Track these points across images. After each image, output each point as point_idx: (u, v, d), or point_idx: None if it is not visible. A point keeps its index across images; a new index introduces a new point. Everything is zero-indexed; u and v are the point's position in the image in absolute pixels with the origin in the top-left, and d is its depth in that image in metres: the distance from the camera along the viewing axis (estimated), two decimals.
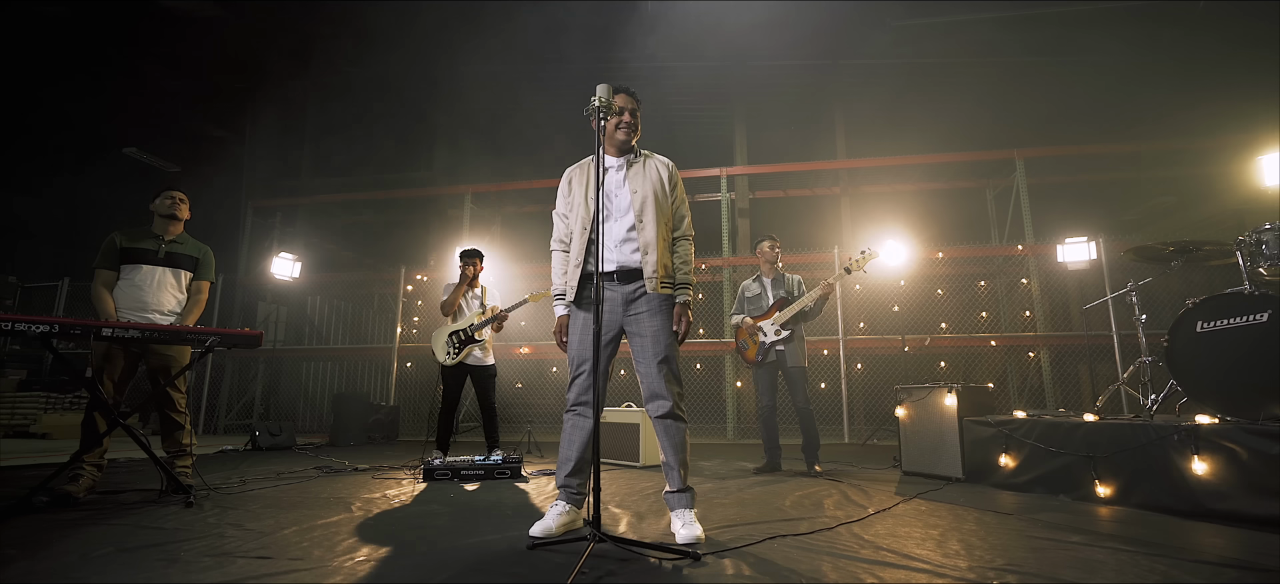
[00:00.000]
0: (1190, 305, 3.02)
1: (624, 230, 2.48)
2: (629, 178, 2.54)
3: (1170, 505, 2.71)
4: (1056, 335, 7.38)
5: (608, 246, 2.46)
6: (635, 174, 2.55)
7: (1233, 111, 7.82)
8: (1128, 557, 1.99)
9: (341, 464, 4.82)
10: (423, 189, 9.37)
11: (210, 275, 3.71)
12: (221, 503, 3.04)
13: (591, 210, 2.51)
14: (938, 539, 2.26)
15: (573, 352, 2.48)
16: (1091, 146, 8.19)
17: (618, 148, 2.57)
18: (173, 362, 3.43)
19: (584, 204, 2.53)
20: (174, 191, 3.60)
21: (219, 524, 2.53)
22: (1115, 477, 2.96)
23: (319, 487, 3.62)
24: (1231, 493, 2.51)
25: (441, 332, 4.81)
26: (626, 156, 2.59)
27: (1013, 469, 3.49)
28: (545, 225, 2.72)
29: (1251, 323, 2.77)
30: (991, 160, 8.05)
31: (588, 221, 2.50)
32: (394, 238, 9.89)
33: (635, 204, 2.48)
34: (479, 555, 2.06)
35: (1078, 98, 8.53)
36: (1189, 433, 2.68)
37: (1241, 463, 2.50)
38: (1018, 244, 7.52)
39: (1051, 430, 3.29)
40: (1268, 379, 2.70)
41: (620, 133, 2.53)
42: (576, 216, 2.55)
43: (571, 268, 2.52)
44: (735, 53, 8.49)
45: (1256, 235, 2.99)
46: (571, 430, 2.45)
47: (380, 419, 7.59)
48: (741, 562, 1.95)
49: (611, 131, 2.54)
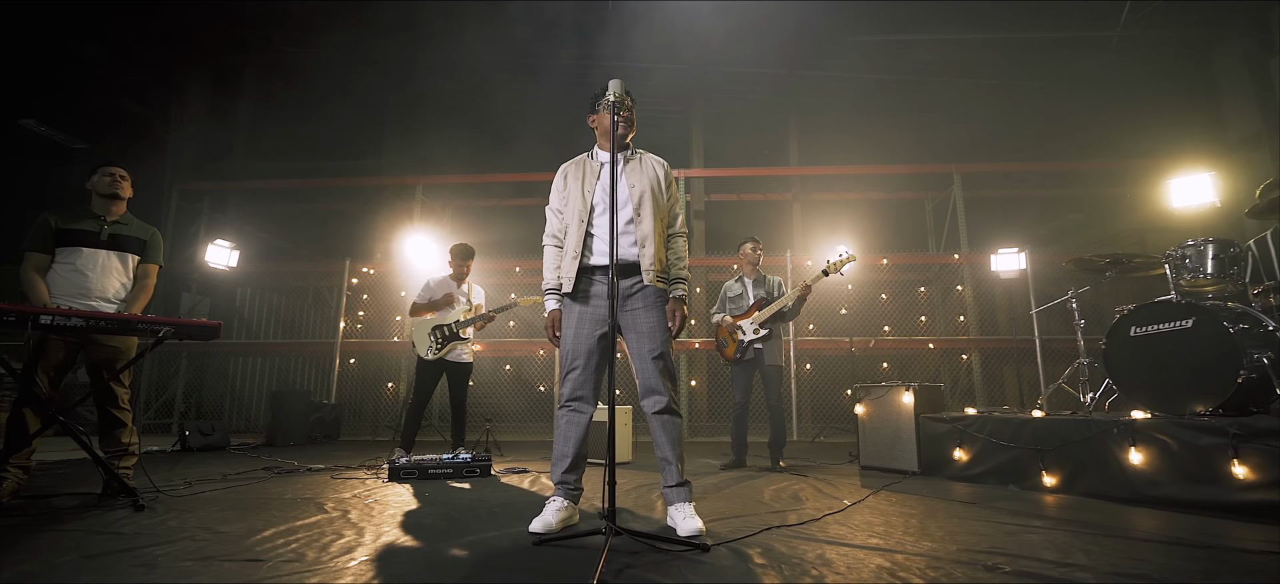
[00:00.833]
0: (1125, 312, 3.33)
1: (622, 224, 2.50)
2: (626, 172, 2.56)
3: (1110, 493, 2.98)
4: (987, 339, 7.91)
5: (603, 240, 2.46)
6: (632, 169, 2.57)
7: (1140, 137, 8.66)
8: (1090, 538, 2.18)
9: (291, 464, 4.57)
10: (370, 178, 8.97)
11: (159, 259, 3.44)
12: (175, 506, 2.83)
13: (588, 203, 2.51)
14: (919, 527, 2.40)
15: (567, 346, 2.46)
16: (1017, 164, 8.84)
17: (616, 143, 2.58)
18: (118, 354, 3.16)
19: (581, 197, 2.53)
20: (113, 168, 3.31)
21: (184, 528, 2.35)
22: (1061, 467, 3.23)
23: (276, 488, 3.42)
24: (1164, 481, 2.79)
25: (424, 324, 4.66)
26: (623, 152, 2.61)
27: (966, 462, 3.73)
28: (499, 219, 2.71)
29: (1178, 328, 3.09)
30: (931, 174, 8.54)
31: (584, 214, 2.50)
32: (336, 229, 9.42)
33: (634, 198, 2.50)
34: (485, 552, 2.02)
35: (1008, 118, 9.20)
36: (1127, 427, 2.96)
37: (1173, 454, 2.79)
38: (954, 253, 8.02)
39: (1003, 426, 3.54)
40: (1191, 378, 3.02)
41: (619, 128, 2.54)
42: (572, 210, 2.55)
43: (567, 260, 2.50)
44: (697, 57, 8.63)
45: (1181, 251, 3.34)
46: (567, 426, 2.45)
47: (322, 417, 7.22)
48: (748, 552, 2.01)
49: (609, 127, 2.55)
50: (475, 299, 4.84)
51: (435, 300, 4.64)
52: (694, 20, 8.15)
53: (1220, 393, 2.89)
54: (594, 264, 2.47)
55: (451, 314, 4.67)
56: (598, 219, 2.49)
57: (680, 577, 1.73)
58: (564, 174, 2.66)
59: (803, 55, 8.87)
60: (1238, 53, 7.87)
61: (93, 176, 3.26)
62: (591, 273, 2.49)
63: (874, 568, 1.82)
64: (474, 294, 4.85)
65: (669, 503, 2.41)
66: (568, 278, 2.46)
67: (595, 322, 2.44)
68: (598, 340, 2.46)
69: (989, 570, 1.79)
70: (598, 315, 2.44)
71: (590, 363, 2.45)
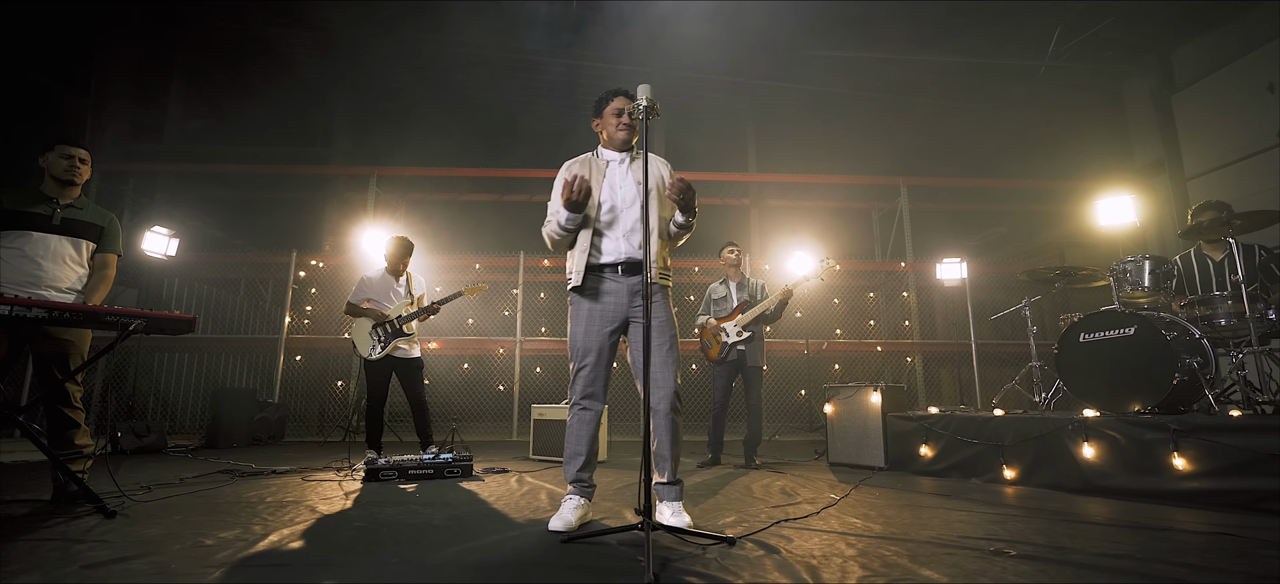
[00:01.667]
0: (1076, 319, 3.67)
1: (628, 224, 2.52)
2: (631, 172, 2.59)
3: (1065, 484, 3.27)
4: (929, 343, 8.42)
5: (613, 238, 2.49)
6: (637, 169, 2.60)
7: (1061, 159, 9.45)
8: (1066, 524, 2.41)
9: (248, 466, 4.32)
10: (320, 166, 8.53)
11: (117, 247, 3.20)
12: (147, 513, 2.64)
13: (595, 201, 2.52)
14: (914, 518, 2.56)
15: (577, 343, 2.48)
16: (959, 180, 9.45)
17: (619, 144, 2.62)
18: (72, 348, 2.91)
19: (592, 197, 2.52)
20: (74, 149, 3.05)
21: (178, 533, 2.22)
22: (1020, 461, 3.51)
23: (248, 492, 3.24)
24: (1113, 472, 3.10)
25: (364, 323, 4.47)
26: (627, 153, 2.65)
27: (931, 458, 3.99)
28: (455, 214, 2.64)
29: (1122, 335, 3.43)
30: (880, 185, 9.01)
31: (593, 212, 2.50)
32: (280, 218, 8.91)
33: (640, 197, 2.53)
34: (517, 551, 2.01)
35: (948, 135, 9.83)
36: (1080, 424, 3.26)
37: (1121, 448, 3.10)
38: (901, 261, 8.49)
39: (967, 424, 3.82)
40: (1133, 379, 3.37)
41: (622, 132, 2.59)
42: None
43: (576, 255, 2.50)
44: (661, 60, 8.72)
45: (1122, 265, 3.71)
46: (578, 425, 2.46)
47: (266, 417, 6.83)
48: (771, 543, 2.10)
49: (613, 132, 2.60)
50: (417, 291, 4.67)
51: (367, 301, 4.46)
52: (656, 22, 8.25)
53: (1158, 392, 3.24)
54: (604, 263, 2.48)
55: (391, 309, 4.49)
56: (605, 218, 2.51)
57: (724, 569, 1.79)
58: (570, 170, 2.62)
59: (762, 65, 9.15)
60: (1145, 89, 8.73)
61: (47, 154, 2.99)
62: (600, 271, 2.50)
63: (892, 554, 1.95)
64: (414, 286, 4.67)
65: (661, 499, 2.43)
66: (577, 273, 2.47)
67: (605, 319, 2.46)
68: (608, 337, 2.48)
69: (996, 555, 1.95)
70: (608, 313, 2.47)
71: (601, 361, 2.48)
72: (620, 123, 2.57)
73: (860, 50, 8.99)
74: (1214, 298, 3.50)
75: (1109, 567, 1.81)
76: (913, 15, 8.22)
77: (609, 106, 2.62)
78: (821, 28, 8.52)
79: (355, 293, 4.48)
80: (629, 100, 2.60)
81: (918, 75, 9.40)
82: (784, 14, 8.25)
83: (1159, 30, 8.26)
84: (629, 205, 2.51)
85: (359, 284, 4.51)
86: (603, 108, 2.65)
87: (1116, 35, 8.29)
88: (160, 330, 2.87)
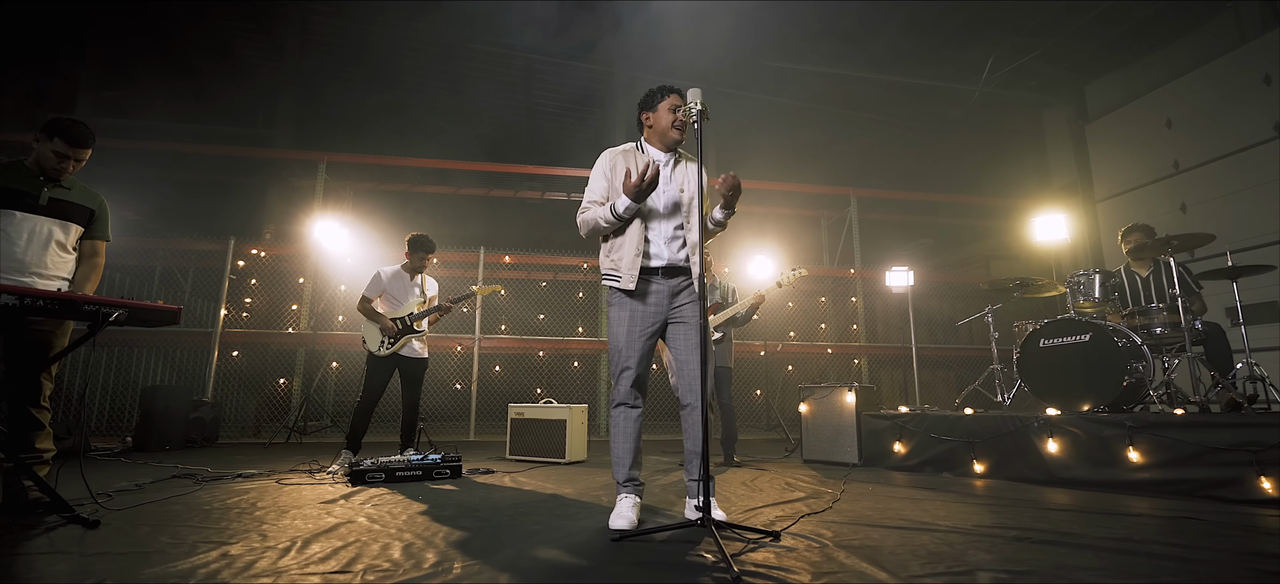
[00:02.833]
0: (1037, 326, 4.02)
1: (672, 228, 2.53)
2: (676, 175, 2.61)
3: (1031, 477, 3.58)
4: (874, 346, 8.91)
5: (658, 242, 2.50)
6: (680, 172, 2.62)
7: (988, 178, 10.24)
8: (1056, 512, 2.65)
9: (203, 470, 4.00)
10: (262, 149, 7.94)
11: (108, 233, 2.92)
12: (130, 520, 2.41)
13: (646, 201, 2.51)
14: (926, 510, 2.74)
15: (619, 343, 2.47)
16: (901, 192, 10.04)
17: (670, 143, 2.62)
18: (53, 341, 2.64)
19: None
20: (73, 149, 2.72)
21: (187, 542, 2.04)
22: (989, 456, 3.81)
23: (227, 499, 3.01)
24: (1074, 465, 3.43)
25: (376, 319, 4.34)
26: (672, 154, 2.65)
27: (904, 454, 4.25)
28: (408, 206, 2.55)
29: (1078, 342, 3.80)
30: (830, 194, 9.44)
31: (645, 214, 2.50)
32: (213, 203, 8.21)
33: (684, 202, 2.56)
34: (587, 548, 2.00)
35: (892, 150, 10.43)
36: (1045, 422, 3.58)
37: (1081, 443, 3.43)
38: (850, 268, 8.94)
39: (939, 422, 4.10)
40: (1086, 381, 3.73)
41: (676, 131, 2.58)
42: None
43: (628, 256, 2.46)
44: (622, 59, 8.76)
45: (1076, 278, 4.11)
46: (625, 425, 2.45)
47: (201, 417, 6.31)
48: (813, 537, 2.19)
49: (666, 129, 2.59)
50: (429, 291, 4.60)
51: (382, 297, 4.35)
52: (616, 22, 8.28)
53: (1109, 393, 3.61)
54: (654, 267, 2.48)
55: (404, 307, 4.39)
56: (654, 218, 2.51)
57: (786, 568, 1.86)
58: (612, 164, 2.59)
59: (719, 71, 9.35)
60: (1062, 118, 9.63)
61: (42, 140, 2.67)
62: (649, 275, 2.50)
63: (932, 542, 2.09)
64: (427, 286, 4.59)
65: (693, 494, 2.49)
66: (631, 275, 2.45)
67: (647, 321, 2.46)
68: (649, 340, 2.49)
69: (1021, 541, 2.13)
70: (649, 316, 2.47)
71: (644, 363, 2.49)
72: (676, 119, 2.55)
73: (814, 65, 9.39)
74: (1151, 309, 3.94)
75: (1124, 550, 2.02)
76: (863, 36, 8.67)
77: (664, 102, 2.58)
78: (779, 39, 8.83)
79: (370, 287, 4.33)
80: (682, 99, 2.58)
81: (866, 92, 9.92)
82: (746, 23, 8.50)
83: (1075, 66, 9.12)
84: (673, 209, 2.53)
85: (374, 279, 4.36)
86: (656, 102, 2.60)
87: (1040, 67, 9.09)
88: (141, 322, 2.62)
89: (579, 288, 8.46)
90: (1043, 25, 8.36)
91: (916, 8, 8.24)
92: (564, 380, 8.09)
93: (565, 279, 8.49)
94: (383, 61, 8.70)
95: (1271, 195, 6.80)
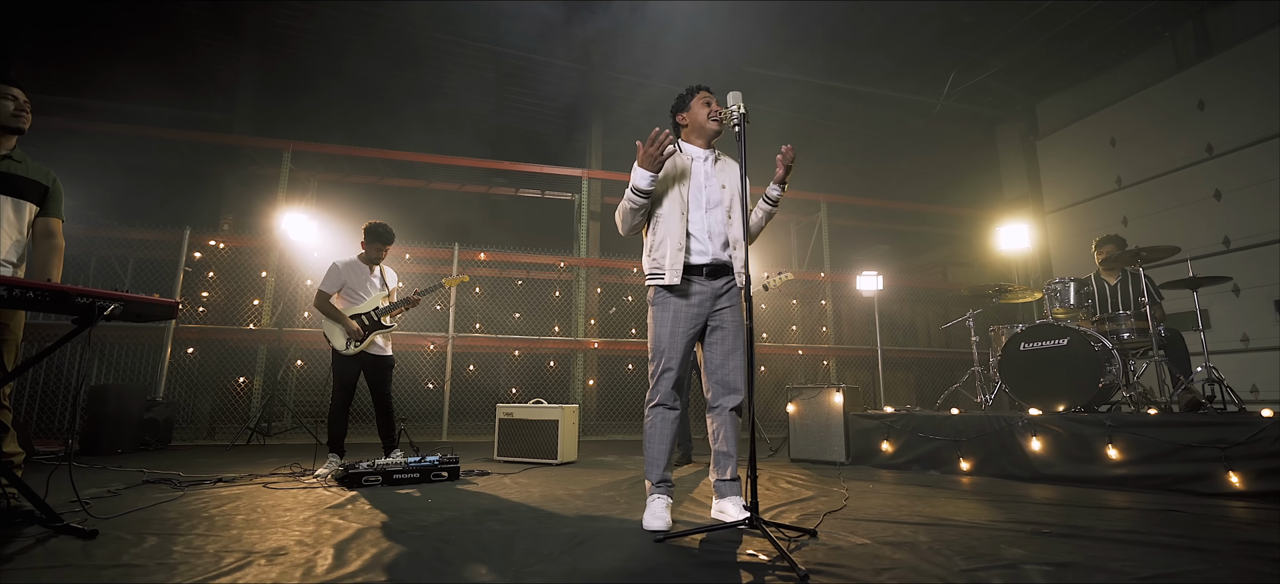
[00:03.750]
0: (1017, 330, 4.23)
1: (714, 224, 2.53)
2: (717, 172, 2.61)
3: (1015, 473, 3.77)
4: (841, 348, 9.17)
5: (701, 239, 2.50)
6: (722, 169, 2.64)
7: (946, 187, 10.71)
8: (1055, 507, 2.80)
9: (175, 474, 3.76)
10: (221, 135, 7.47)
11: (62, 211, 2.69)
12: (132, 529, 2.25)
13: (685, 198, 2.50)
14: (941, 508, 2.84)
15: (662, 343, 2.45)
16: (868, 200, 10.38)
17: (708, 137, 2.63)
18: (9, 334, 2.41)
19: (679, 193, 2.51)
20: (13, 88, 2.52)
21: (223, 553, 1.92)
22: (974, 454, 3.98)
23: (224, 505, 2.84)
24: (1056, 462, 3.63)
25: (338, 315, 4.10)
26: (711, 151, 2.67)
27: (892, 453, 4.39)
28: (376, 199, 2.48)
29: (1057, 346, 4.02)
30: (801, 199, 9.66)
31: (685, 209, 2.50)
32: (166, 191, 7.68)
33: (725, 200, 2.57)
34: (635, 553, 1.98)
35: (860, 159, 10.77)
36: (1029, 421, 3.78)
37: (1062, 441, 3.64)
38: (820, 271, 9.18)
39: (927, 421, 4.26)
40: (1065, 383, 3.96)
41: (713, 123, 2.60)
42: (670, 202, 2.50)
43: (671, 250, 2.45)
44: (599, 59, 8.71)
45: (1053, 286, 4.35)
46: (662, 426, 2.43)
47: (154, 419, 5.91)
48: (838, 535, 2.24)
49: (703, 122, 2.61)
50: (391, 283, 4.38)
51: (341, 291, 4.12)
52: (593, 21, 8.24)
53: (1085, 395, 3.84)
54: (696, 263, 2.47)
55: (366, 301, 4.17)
56: (695, 214, 2.52)
57: (838, 561, 1.90)
58: None
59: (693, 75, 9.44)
60: (1015, 134, 10.18)
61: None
62: (692, 273, 2.48)
63: (961, 537, 2.17)
64: (388, 278, 4.38)
65: (722, 495, 2.51)
66: (675, 270, 2.43)
67: (690, 322, 2.46)
68: (690, 340, 2.48)
69: (1039, 535, 2.24)
70: (692, 316, 2.46)
71: (685, 365, 2.48)
72: (711, 112, 2.58)
73: (787, 72, 9.59)
74: (1119, 316, 4.21)
75: (1135, 541, 2.15)
76: (832, 49, 8.92)
77: (696, 98, 2.63)
78: (754, 46, 8.98)
79: (327, 281, 4.05)
80: (711, 94, 2.64)
81: (835, 101, 10.20)
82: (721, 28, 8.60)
83: (1028, 85, 9.65)
84: (714, 206, 2.53)
85: (330, 272, 4.09)
86: (688, 101, 2.66)
87: (996, 85, 9.57)
88: (136, 317, 2.45)
89: (555, 287, 8.37)
90: (1001, 44, 8.80)
91: (886, 22, 8.54)
92: (540, 380, 7.99)
93: (542, 278, 8.39)
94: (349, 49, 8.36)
95: (1206, 210, 7.38)
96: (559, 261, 8.12)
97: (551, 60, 8.79)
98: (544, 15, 8.28)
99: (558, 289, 8.37)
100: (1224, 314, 7.10)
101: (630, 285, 8.72)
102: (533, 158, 8.76)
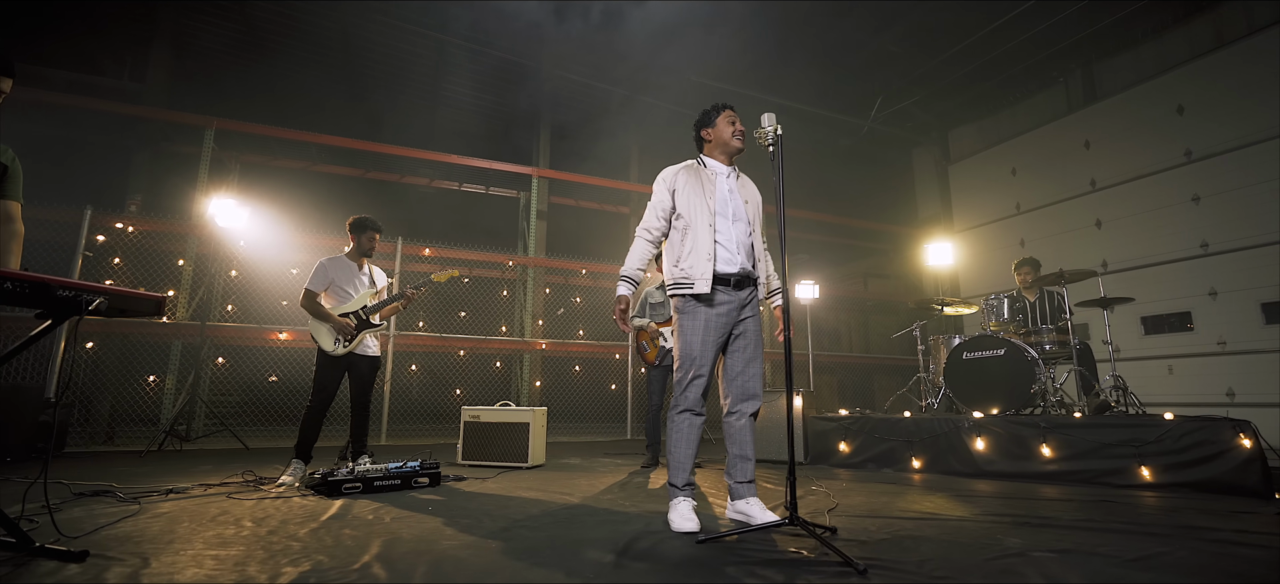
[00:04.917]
0: (960, 340, 4.68)
1: (740, 236, 2.64)
2: (739, 187, 2.74)
3: (960, 471, 4.16)
4: (775, 353, 9.61)
5: (729, 249, 2.60)
6: (744, 185, 2.78)
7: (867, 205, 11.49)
8: (1026, 501, 3.15)
9: (108, 485, 3.38)
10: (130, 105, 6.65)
11: (20, 194, 2.38)
12: (116, 549, 2.03)
13: (712, 210, 2.60)
14: (914, 503, 3.10)
15: (695, 351, 2.52)
16: (803, 212, 10.93)
17: (732, 154, 2.75)
18: None
19: (705, 204, 2.60)
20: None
21: (246, 561, 1.78)
22: (925, 454, 4.36)
23: (203, 519, 2.61)
24: (997, 460, 4.05)
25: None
26: (733, 168, 2.79)
27: (849, 453, 4.71)
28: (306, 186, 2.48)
29: (994, 355, 4.49)
30: None
31: (711, 220, 2.59)
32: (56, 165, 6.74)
33: (749, 213, 2.70)
34: (685, 554, 2.04)
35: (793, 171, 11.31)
36: (974, 423, 4.20)
37: (1002, 440, 4.07)
38: None
39: (882, 424, 4.61)
40: (1002, 389, 4.42)
41: (737, 141, 2.72)
42: (697, 214, 2.60)
43: (700, 259, 2.53)
44: (548, 58, 8.61)
45: (991, 301, 4.84)
46: (688, 431, 2.51)
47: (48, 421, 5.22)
48: (859, 529, 2.42)
49: (728, 139, 2.72)
50: (379, 281, 4.23)
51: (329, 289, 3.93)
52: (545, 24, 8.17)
53: (1020, 400, 4.32)
54: (723, 272, 2.56)
55: (354, 300, 4.00)
56: (722, 224, 2.61)
57: (878, 555, 2.07)
58: (676, 176, 2.70)
59: (647, 82, 9.57)
60: (929, 158, 11.13)
61: None
62: (721, 282, 2.56)
63: (958, 532, 2.41)
64: (376, 276, 4.23)
65: (740, 497, 2.62)
66: (704, 278, 2.51)
67: (719, 330, 2.55)
68: (717, 349, 2.58)
69: (1023, 526, 2.52)
70: (720, 324, 2.55)
71: (714, 371, 2.57)
72: (736, 130, 2.69)
73: (730, 85, 9.94)
74: (1042, 330, 4.76)
75: (1100, 528, 2.48)
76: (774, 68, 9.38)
77: (722, 116, 2.75)
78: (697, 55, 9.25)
79: (314, 280, 3.83)
80: (735, 112, 2.78)
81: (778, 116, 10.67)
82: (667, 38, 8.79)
83: (944, 113, 10.59)
84: (739, 219, 2.64)
85: (318, 270, 3.88)
86: (714, 118, 2.76)
87: (916, 112, 10.42)
88: (121, 312, 2.22)
89: (502, 286, 8.19)
90: (923, 75, 9.61)
91: (822, 48, 9.07)
92: (484, 381, 7.79)
93: (488, 275, 8.18)
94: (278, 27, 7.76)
95: (1089, 237, 8.43)
96: (507, 260, 7.96)
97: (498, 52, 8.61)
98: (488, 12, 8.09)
99: (505, 288, 8.20)
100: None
101: (578, 286, 8.69)
102: (477, 153, 8.53)
